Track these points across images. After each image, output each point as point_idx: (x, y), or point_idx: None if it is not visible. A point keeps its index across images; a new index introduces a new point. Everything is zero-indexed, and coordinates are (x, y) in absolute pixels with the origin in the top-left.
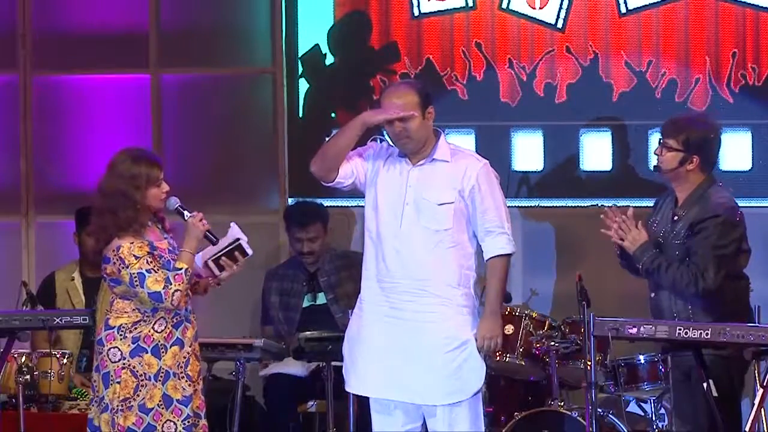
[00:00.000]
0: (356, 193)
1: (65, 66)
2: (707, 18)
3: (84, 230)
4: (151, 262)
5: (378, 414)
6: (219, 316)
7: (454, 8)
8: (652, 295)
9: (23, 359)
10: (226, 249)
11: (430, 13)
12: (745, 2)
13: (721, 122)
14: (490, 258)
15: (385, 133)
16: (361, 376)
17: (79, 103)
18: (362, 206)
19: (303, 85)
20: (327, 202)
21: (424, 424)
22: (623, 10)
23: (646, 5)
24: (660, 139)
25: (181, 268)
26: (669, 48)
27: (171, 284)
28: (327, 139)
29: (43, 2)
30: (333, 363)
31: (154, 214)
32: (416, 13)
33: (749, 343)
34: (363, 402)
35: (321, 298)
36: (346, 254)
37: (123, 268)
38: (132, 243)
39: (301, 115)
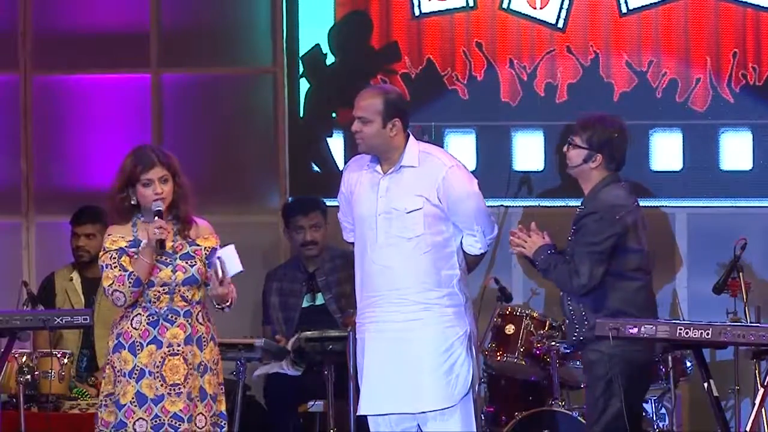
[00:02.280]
0: None
1: (66, 66)
2: (708, 18)
3: (81, 230)
4: (113, 257)
5: (373, 418)
6: (219, 316)
7: (455, 8)
8: (561, 294)
9: (24, 359)
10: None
11: (431, 12)
12: (745, 2)
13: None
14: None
15: None
16: (363, 395)
17: (79, 103)
18: None
19: (304, 85)
20: (328, 202)
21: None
22: (624, 9)
23: (646, 5)
24: (569, 137)
25: (126, 271)
26: (669, 48)
27: (113, 284)
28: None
29: (43, 2)
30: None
31: (176, 216)
32: (417, 12)
33: (750, 342)
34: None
35: (320, 298)
36: (345, 254)
37: (102, 253)
38: (110, 235)
39: (301, 114)
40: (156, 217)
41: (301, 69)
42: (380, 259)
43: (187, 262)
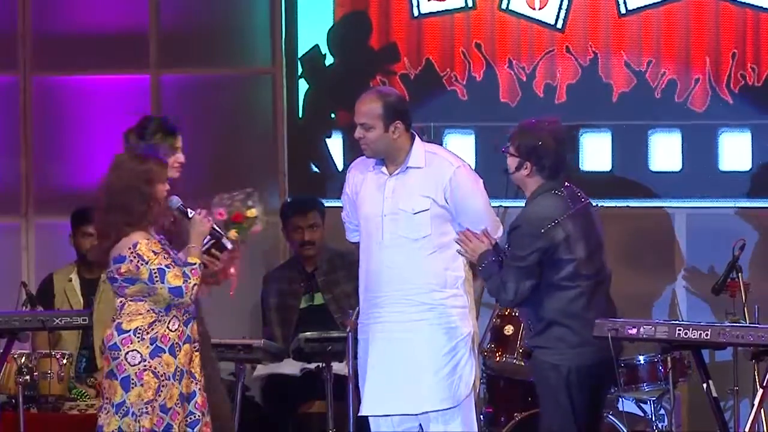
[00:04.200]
0: None
1: (65, 67)
2: (707, 18)
3: (80, 231)
4: (167, 257)
5: (375, 418)
6: (218, 317)
7: (454, 9)
8: None
9: (23, 360)
10: (206, 246)
11: (430, 13)
12: (745, 3)
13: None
14: None
15: None
16: (366, 396)
17: (79, 104)
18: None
19: (303, 86)
20: (327, 203)
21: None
22: (623, 10)
23: (646, 5)
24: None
25: (194, 263)
26: (669, 48)
27: (190, 278)
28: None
29: (43, 3)
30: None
31: None
32: (416, 13)
33: (749, 343)
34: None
35: (318, 299)
36: (344, 254)
37: (142, 264)
38: (147, 240)
39: (300, 115)
40: (189, 210)
41: (300, 70)
42: (386, 259)
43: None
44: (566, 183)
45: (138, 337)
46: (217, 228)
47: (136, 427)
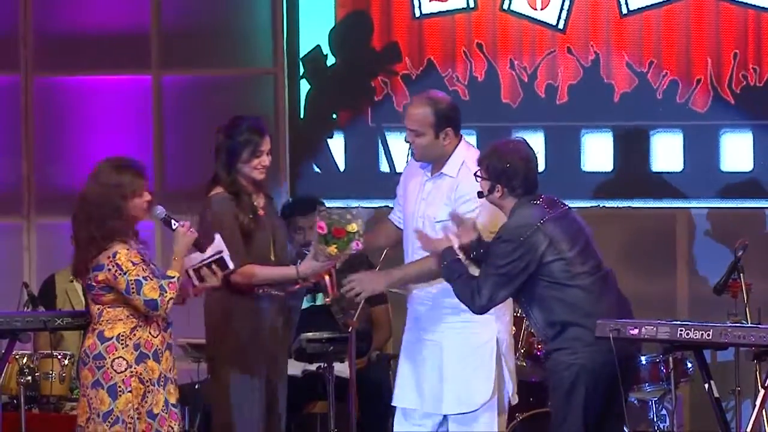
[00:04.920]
0: (355, 194)
1: (66, 67)
2: (708, 19)
3: None
4: (145, 269)
5: (398, 416)
6: None
7: (456, 9)
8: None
9: (25, 360)
10: (208, 260)
11: (432, 13)
12: (746, 3)
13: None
14: None
15: None
16: (397, 388)
17: (80, 105)
18: (364, 207)
19: (304, 86)
20: (329, 203)
21: (442, 423)
22: (624, 10)
23: (647, 6)
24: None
25: (173, 277)
26: (670, 49)
27: (166, 292)
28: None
29: (44, 3)
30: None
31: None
32: (417, 13)
33: (750, 344)
34: (364, 404)
35: (320, 299)
36: None
37: (120, 274)
38: (128, 250)
39: (302, 115)
40: (173, 221)
41: (302, 70)
42: (417, 258)
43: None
44: (542, 196)
45: (122, 344)
46: (200, 241)
47: None
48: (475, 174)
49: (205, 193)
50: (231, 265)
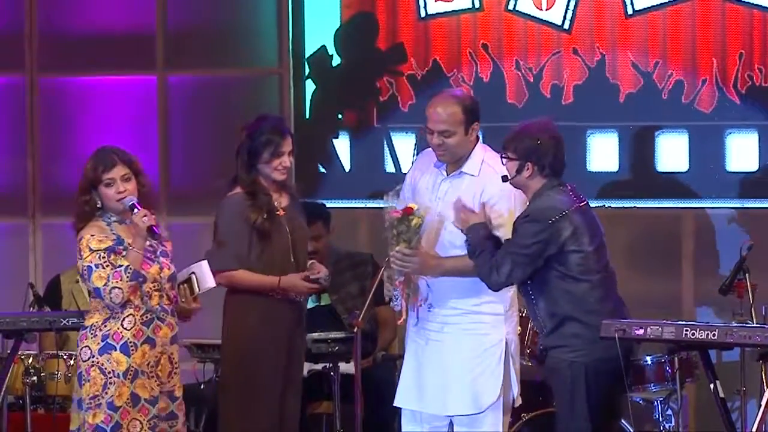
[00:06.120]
0: (361, 194)
1: (71, 67)
2: (714, 19)
3: None
4: (103, 257)
5: (406, 417)
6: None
7: (461, 9)
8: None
9: (30, 361)
10: (184, 280)
11: (437, 14)
12: (752, 3)
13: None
14: None
15: None
16: (399, 389)
17: (85, 105)
18: (367, 207)
19: (310, 86)
20: (332, 203)
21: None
22: (630, 11)
23: (652, 6)
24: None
25: (120, 266)
26: (676, 49)
27: (110, 281)
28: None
29: (49, 3)
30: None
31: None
32: (423, 14)
33: (756, 344)
34: (369, 404)
35: (325, 299)
36: (351, 254)
37: (79, 259)
38: (93, 235)
39: (307, 116)
40: (134, 209)
41: (307, 70)
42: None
43: (167, 260)
44: (567, 183)
45: (92, 334)
46: (154, 228)
47: (83, 422)
48: (501, 157)
49: (223, 193)
50: (197, 289)
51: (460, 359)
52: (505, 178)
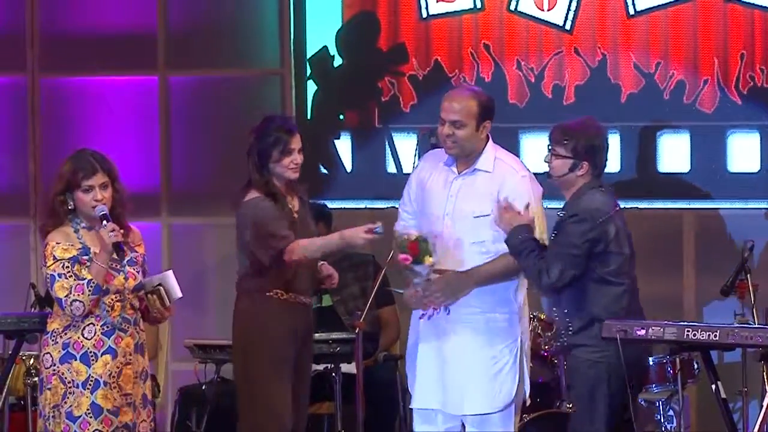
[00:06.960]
0: (362, 194)
1: (73, 68)
2: (716, 19)
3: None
4: (67, 267)
5: (419, 416)
6: (226, 318)
7: (463, 10)
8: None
9: (32, 361)
10: (152, 290)
11: (439, 14)
12: (753, 4)
13: (730, 124)
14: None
15: None
16: (417, 389)
17: (87, 105)
18: (368, 208)
19: (311, 87)
20: (334, 204)
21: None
22: (631, 11)
23: (654, 6)
24: (548, 146)
25: (84, 279)
26: (677, 49)
27: (71, 293)
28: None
29: (50, 4)
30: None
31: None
32: (424, 14)
33: (757, 344)
34: (370, 405)
35: (326, 300)
36: (350, 256)
37: (43, 266)
38: (58, 243)
39: (309, 116)
40: (104, 221)
41: (309, 71)
42: (441, 257)
43: (133, 268)
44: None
45: (53, 341)
46: (119, 245)
47: (45, 430)
48: (551, 153)
49: (238, 198)
50: (168, 303)
51: (476, 358)
52: (549, 176)
